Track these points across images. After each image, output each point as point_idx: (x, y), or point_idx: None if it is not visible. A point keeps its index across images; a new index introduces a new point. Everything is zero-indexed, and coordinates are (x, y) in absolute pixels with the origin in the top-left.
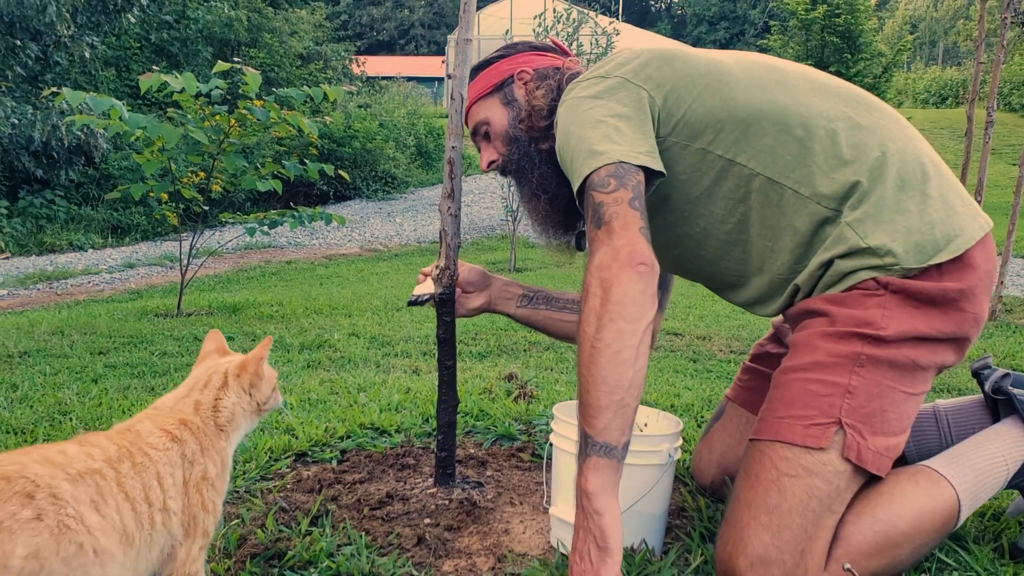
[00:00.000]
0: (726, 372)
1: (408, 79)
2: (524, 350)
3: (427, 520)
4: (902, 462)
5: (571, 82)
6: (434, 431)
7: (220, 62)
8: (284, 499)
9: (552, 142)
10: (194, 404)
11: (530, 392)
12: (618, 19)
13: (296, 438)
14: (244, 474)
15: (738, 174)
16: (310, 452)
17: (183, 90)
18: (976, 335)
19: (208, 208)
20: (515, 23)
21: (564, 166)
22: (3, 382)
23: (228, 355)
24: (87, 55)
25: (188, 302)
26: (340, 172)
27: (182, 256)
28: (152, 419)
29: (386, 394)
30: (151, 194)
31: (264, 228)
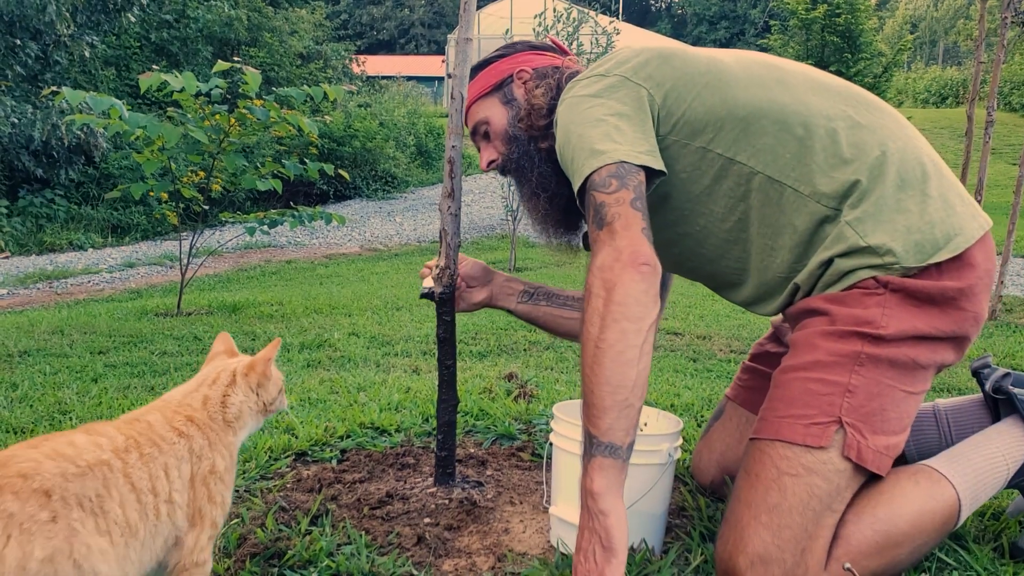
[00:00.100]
0: (726, 372)
1: (408, 78)
2: (524, 349)
3: (427, 519)
4: (902, 461)
5: (571, 81)
6: (434, 430)
7: (220, 61)
8: (284, 498)
9: (551, 141)
10: (203, 398)
11: (530, 391)
12: (618, 18)
13: (296, 437)
14: (244, 473)
15: (738, 172)
16: (310, 451)
17: (183, 89)
18: (976, 334)
19: (208, 207)
20: (515, 22)
21: (564, 165)
22: (3, 381)
23: (237, 356)
24: (87, 54)
25: (188, 301)
26: (340, 171)
27: (182, 255)
28: (161, 411)
29: (386, 393)
30: (151, 193)
31: (264, 227)
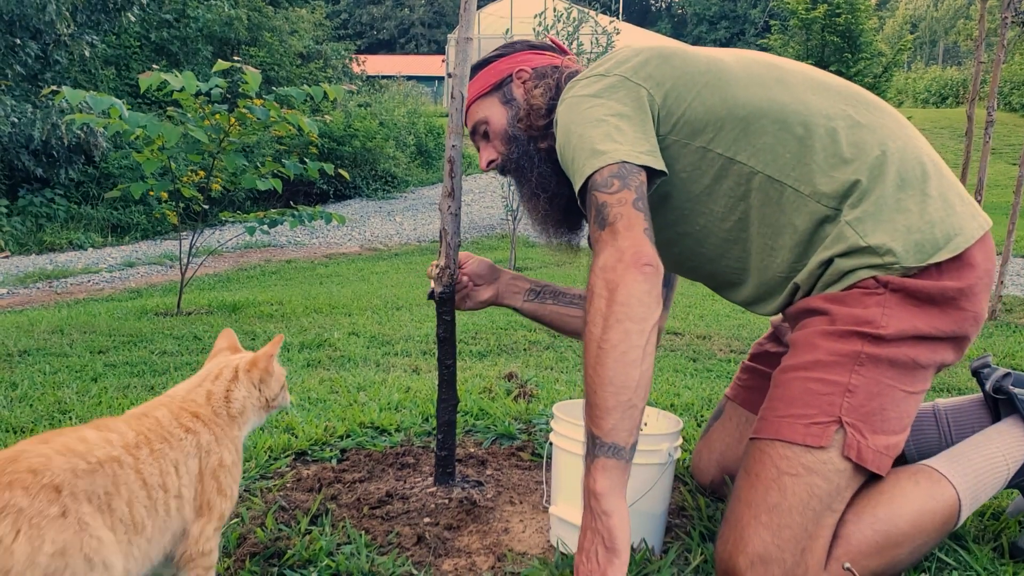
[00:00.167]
0: (726, 371)
1: (408, 78)
2: (524, 349)
3: (427, 519)
4: (902, 461)
5: (570, 81)
6: (434, 430)
7: (220, 61)
8: (284, 498)
9: (551, 141)
10: (206, 394)
11: (530, 391)
12: (618, 18)
13: (296, 437)
14: (244, 473)
15: (738, 172)
16: (310, 451)
17: (183, 89)
18: (975, 334)
19: (208, 207)
20: (515, 22)
21: (565, 165)
22: (3, 381)
23: (240, 352)
24: (87, 54)
25: (188, 301)
26: (340, 171)
27: (182, 255)
28: (167, 407)
29: (386, 393)
30: (151, 193)
31: (264, 227)
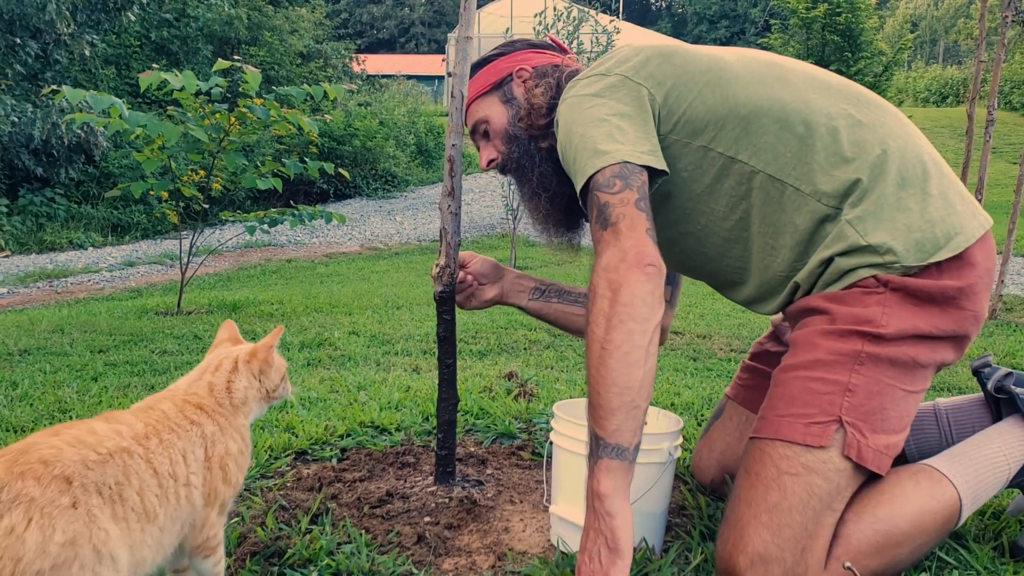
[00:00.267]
0: (726, 371)
1: (408, 77)
2: (524, 348)
3: (427, 518)
4: (902, 460)
5: (570, 80)
6: (434, 429)
7: (220, 60)
8: (284, 497)
9: (551, 140)
10: (208, 385)
11: (530, 390)
12: (618, 17)
13: (296, 436)
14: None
15: (739, 171)
16: (310, 450)
17: (183, 88)
18: (976, 333)
19: (208, 206)
20: (515, 21)
21: (566, 165)
22: (3, 380)
23: (240, 344)
24: (87, 53)
25: (188, 300)
26: (340, 170)
27: (182, 254)
28: (171, 400)
29: (386, 392)
30: (151, 192)
31: (264, 226)
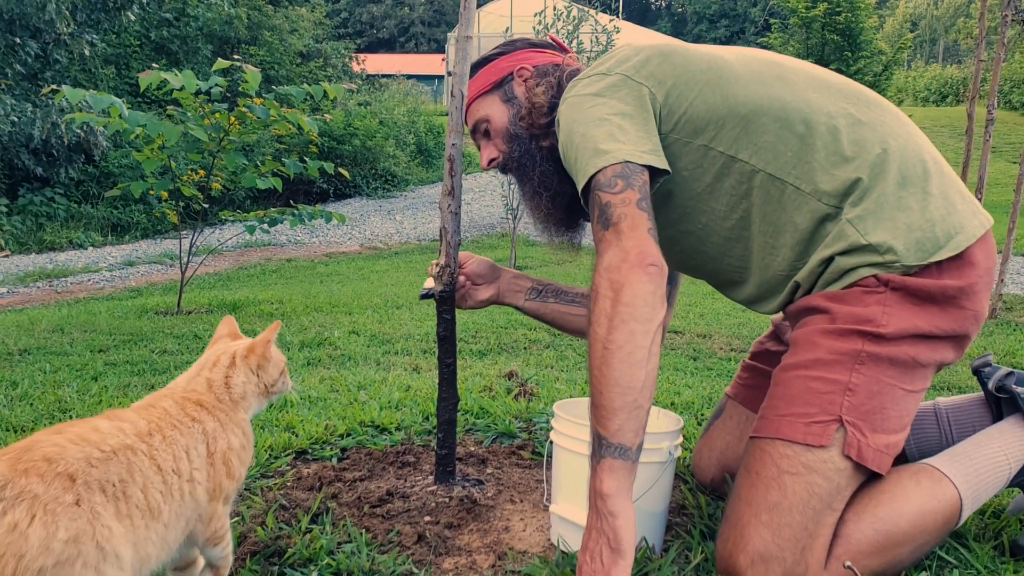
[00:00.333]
0: (726, 370)
1: (408, 77)
2: (524, 348)
3: (427, 518)
4: (902, 459)
5: (571, 79)
6: (434, 429)
7: (220, 60)
8: (284, 497)
9: (552, 139)
10: (206, 382)
11: (530, 390)
12: (618, 17)
13: (296, 436)
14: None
15: (740, 170)
16: (310, 450)
17: (183, 88)
18: (976, 332)
19: (208, 206)
20: (515, 21)
21: (568, 164)
22: (3, 380)
23: (239, 339)
24: (87, 53)
25: (188, 300)
26: (340, 170)
27: (182, 254)
28: (171, 398)
29: (386, 392)
30: (151, 192)
31: (264, 226)
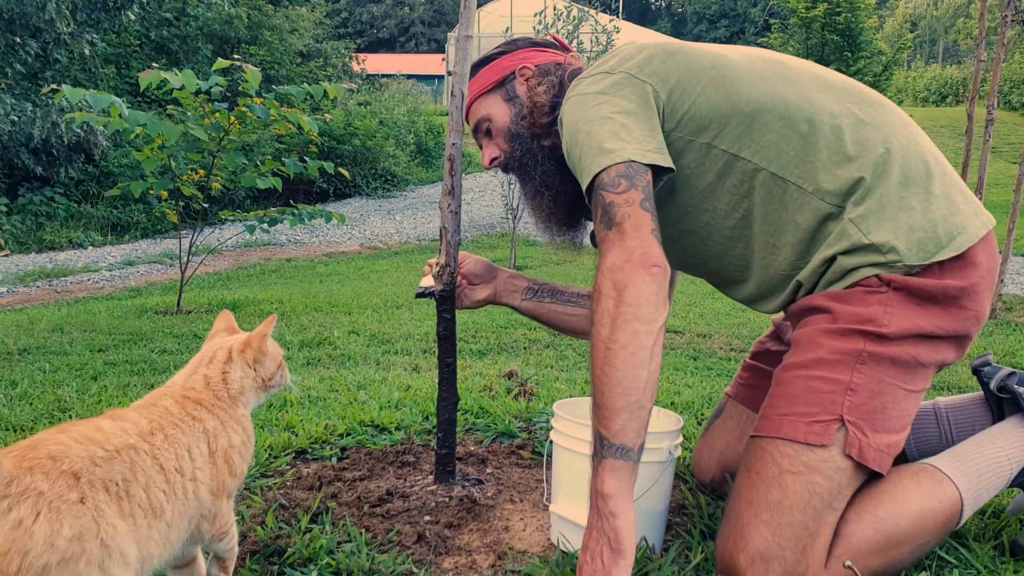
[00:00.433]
0: (726, 370)
1: (408, 77)
2: (524, 347)
3: (427, 517)
4: (901, 459)
5: (573, 78)
6: (434, 428)
7: (220, 59)
8: (284, 496)
9: (554, 138)
10: (204, 379)
11: (530, 389)
12: (618, 17)
13: (296, 435)
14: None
15: (742, 169)
16: (310, 449)
17: (183, 87)
18: (977, 333)
19: (208, 205)
20: (515, 21)
21: (572, 163)
22: (3, 379)
23: (236, 334)
24: (87, 52)
25: (188, 299)
26: (340, 170)
27: (182, 254)
28: (171, 396)
29: (386, 391)
30: (151, 191)
31: (264, 226)
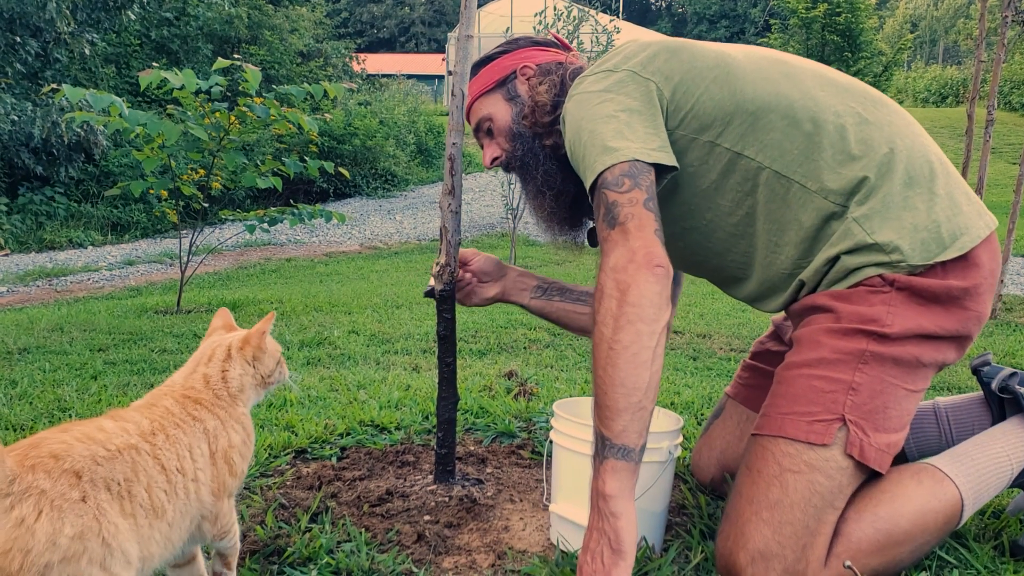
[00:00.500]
0: (726, 370)
1: (408, 77)
2: (524, 347)
3: (427, 517)
4: (901, 459)
5: (575, 77)
6: (434, 428)
7: (220, 59)
8: (284, 496)
9: (556, 137)
10: (203, 378)
11: (530, 389)
12: (618, 17)
13: (296, 435)
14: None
15: (745, 167)
16: (310, 449)
17: (183, 87)
18: (977, 333)
19: (208, 205)
20: (515, 21)
21: (575, 162)
22: (2, 378)
23: (235, 331)
24: (87, 52)
25: (188, 299)
26: (340, 169)
27: (182, 253)
28: (171, 396)
29: (386, 391)
30: (151, 191)
31: (264, 225)
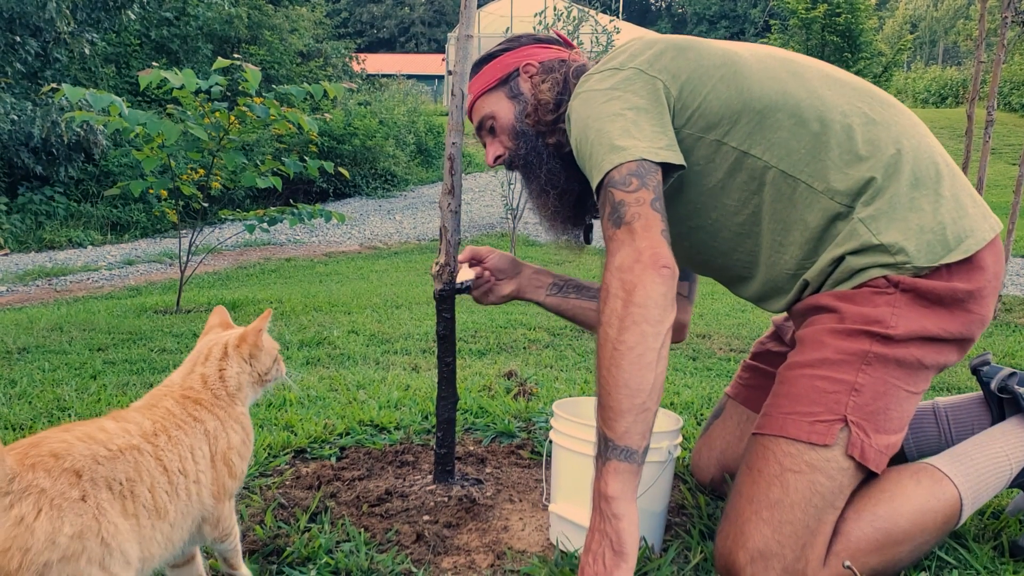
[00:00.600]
0: (726, 370)
1: (408, 77)
2: (524, 347)
3: (426, 517)
4: (900, 458)
5: (578, 75)
6: (433, 428)
7: (220, 59)
8: (283, 495)
9: (559, 136)
10: (201, 378)
11: (529, 389)
12: (618, 17)
13: (295, 435)
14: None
15: (752, 166)
16: (309, 449)
17: (183, 87)
18: (979, 335)
19: (208, 205)
20: (515, 21)
21: (581, 160)
22: (2, 378)
23: (231, 329)
24: (87, 51)
25: (187, 299)
26: (340, 169)
27: (181, 253)
28: (171, 396)
29: (385, 391)
30: (151, 191)
31: (264, 225)
